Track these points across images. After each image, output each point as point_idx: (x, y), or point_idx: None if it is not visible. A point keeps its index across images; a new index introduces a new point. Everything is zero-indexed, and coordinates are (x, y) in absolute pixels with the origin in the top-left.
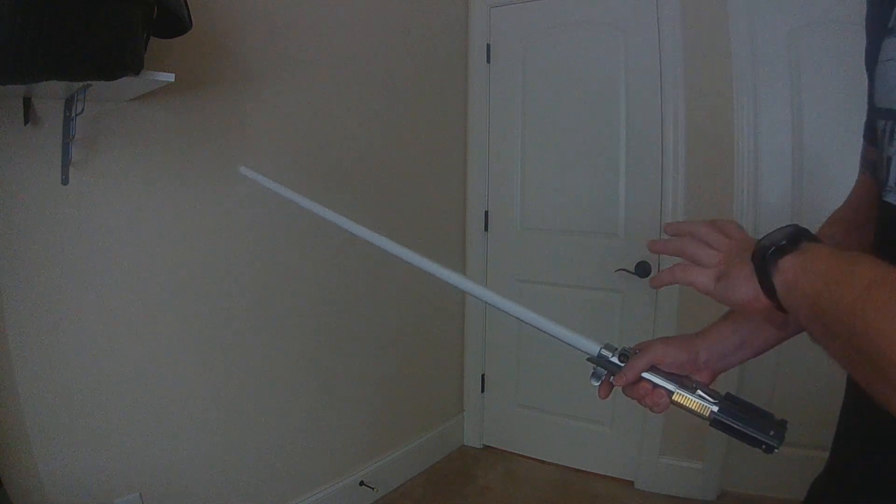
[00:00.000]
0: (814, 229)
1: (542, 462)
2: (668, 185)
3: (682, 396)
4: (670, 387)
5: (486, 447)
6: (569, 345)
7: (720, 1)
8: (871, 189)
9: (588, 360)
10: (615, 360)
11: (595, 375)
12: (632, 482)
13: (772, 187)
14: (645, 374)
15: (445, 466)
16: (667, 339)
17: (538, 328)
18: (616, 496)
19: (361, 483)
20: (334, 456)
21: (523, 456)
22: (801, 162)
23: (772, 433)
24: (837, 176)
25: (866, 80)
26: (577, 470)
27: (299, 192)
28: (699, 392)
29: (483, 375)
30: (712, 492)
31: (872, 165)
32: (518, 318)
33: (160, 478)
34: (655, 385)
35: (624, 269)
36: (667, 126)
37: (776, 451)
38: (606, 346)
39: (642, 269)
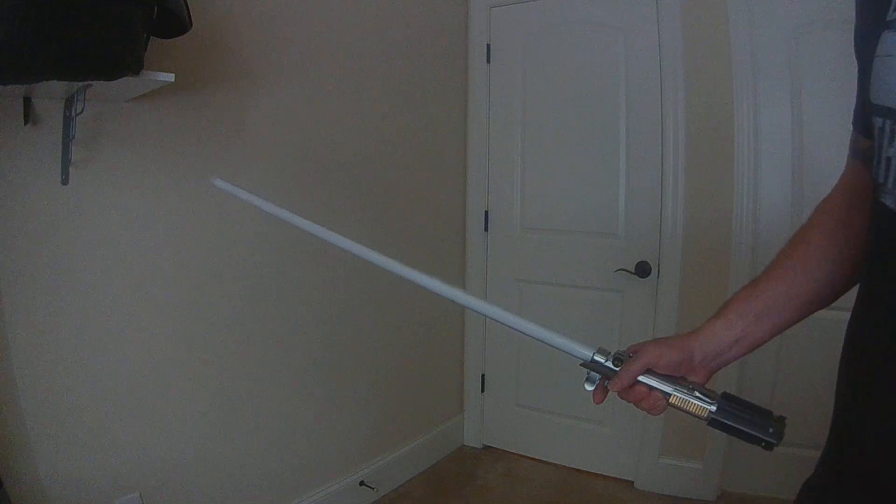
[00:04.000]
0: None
1: (542, 462)
2: (668, 185)
3: (680, 398)
4: (667, 389)
5: (486, 447)
6: (561, 351)
7: (720, 1)
8: (862, 176)
9: (581, 365)
10: (609, 364)
11: (589, 380)
12: (632, 482)
13: (772, 187)
14: (641, 378)
15: (445, 466)
16: (660, 341)
17: (529, 335)
18: (616, 496)
19: (361, 483)
20: (334, 456)
21: (523, 456)
22: (801, 162)
23: (771, 430)
24: (837, 175)
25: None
26: (577, 470)
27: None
28: (696, 393)
29: (483, 375)
30: (712, 492)
31: (863, 154)
32: (507, 326)
33: (160, 478)
34: (652, 388)
35: (624, 269)
36: (667, 126)
37: (776, 447)
38: (600, 351)
39: (642, 269)
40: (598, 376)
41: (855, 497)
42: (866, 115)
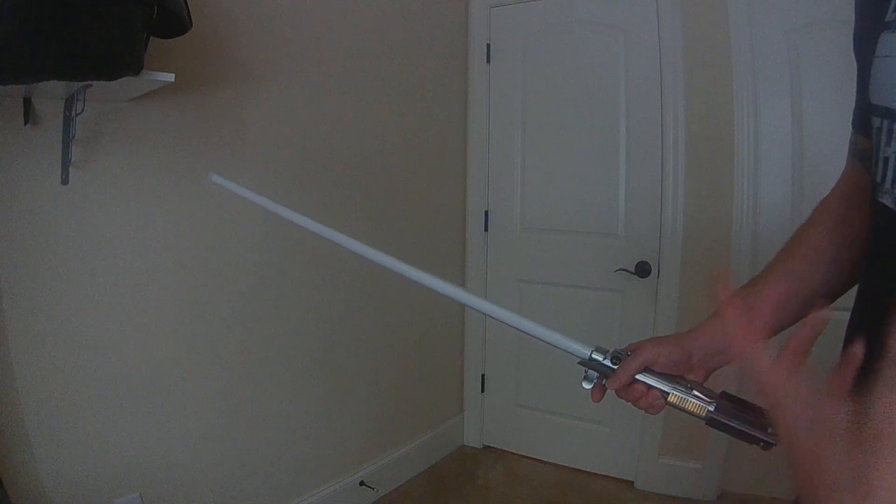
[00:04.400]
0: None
1: (542, 462)
2: (668, 186)
3: (678, 397)
4: (665, 388)
5: (486, 447)
6: (559, 349)
7: (720, 1)
8: (862, 176)
9: (579, 363)
10: (607, 362)
11: (587, 378)
12: (632, 482)
13: (772, 187)
14: (639, 376)
15: (445, 466)
16: (659, 339)
17: (525, 332)
18: (616, 496)
19: (361, 483)
20: (334, 456)
21: (523, 456)
22: (801, 162)
23: (770, 430)
24: (837, 175)
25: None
26: (577, 470)
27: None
28: (695, 392)
29: (483, 375)
30: (712, 492)
31: (862, 154)
32: (505, 323)
33: (160, 478)
34: (650, 386)
35: (624, 269)
36: (667, 126)
37: (774, 447)
38: (598, 349)
39: (642, 269)
40: (595, 374)
41: None
42: (865, 115)
